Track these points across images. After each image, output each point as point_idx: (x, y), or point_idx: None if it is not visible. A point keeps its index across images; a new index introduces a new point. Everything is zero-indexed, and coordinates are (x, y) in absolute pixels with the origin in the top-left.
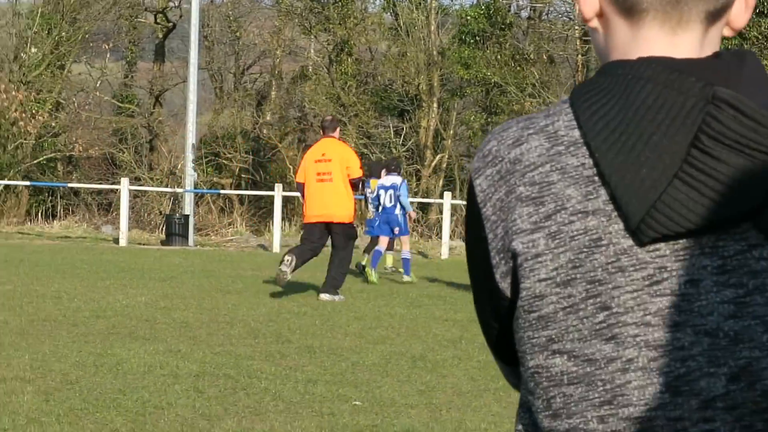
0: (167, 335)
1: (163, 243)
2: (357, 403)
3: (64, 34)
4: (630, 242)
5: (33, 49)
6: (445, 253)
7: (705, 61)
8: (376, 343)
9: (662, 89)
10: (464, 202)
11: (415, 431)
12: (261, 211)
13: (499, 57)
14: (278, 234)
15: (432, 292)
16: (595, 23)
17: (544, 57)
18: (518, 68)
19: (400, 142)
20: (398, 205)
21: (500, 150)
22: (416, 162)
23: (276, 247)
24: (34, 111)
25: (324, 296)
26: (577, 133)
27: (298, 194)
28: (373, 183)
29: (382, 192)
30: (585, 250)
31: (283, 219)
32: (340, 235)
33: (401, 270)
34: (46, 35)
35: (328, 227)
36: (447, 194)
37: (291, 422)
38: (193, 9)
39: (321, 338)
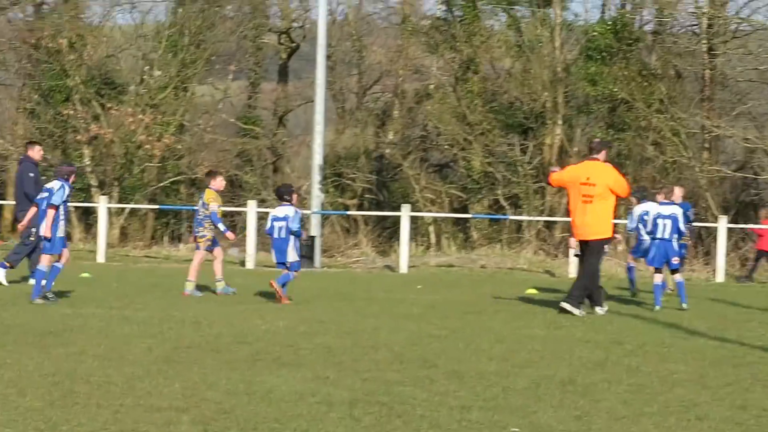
0: (312, 361)
1: None
2: (515, 430)
3: (188, 56)
4: None
5: (157, 72)
6: (573, 271)
7: None
8: (522, 366)
9: None
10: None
11: None
12: (386, 231)
13: (625, 73)
14: (405, 255)
15: (566, 312)
16: None
17: (671, 72)
18: (645, 84)
19: (527, 161)
20: (675, 235)
21: None
22: (541, 180)
23: (403, 268)
24: (159, 134)
25: (564, 305)
26: None
27: (424, 214)
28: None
29: (659, 221)
30: None
31: (410, 239)
32: (590, 249)
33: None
34: (171, 58)
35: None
36: None
37: None
38: (320, 29)
39: (467, 363)
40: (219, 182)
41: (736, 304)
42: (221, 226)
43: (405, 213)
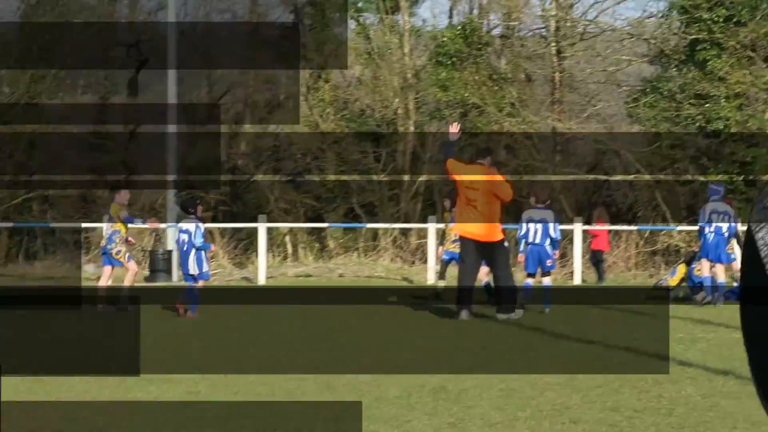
0: (183, 375)
1: (146, 279)
2: None
3: (38, 72)
4: None
5: (6, 89)
6: (431, 277)
7: None
8: (393, 374)
9: None
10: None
11: None
12: (242, 243)
13: (476, 77)
14: (263, 266)
15: (430, 319)
16: None
17: (521, 75)
18: (496, 88)
19: (380, 168)
20: (548, 240)
21: None
22: (396, 187)
23: (261, 279)
24: (10, 151)
25: (501, 316)
26: None
27: (280, 225)
28: None
29: (531, 225)
30: None
31: (267, 250)
32: (492, 253)
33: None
34: (20, 73)
35: (478, 244)
36: (432, 218)
37: None
38: (170, 43)
39: (336, 372)
40: (123, 195)
41: (596, 305)
42: (138, 222)
43: (261, 224)
